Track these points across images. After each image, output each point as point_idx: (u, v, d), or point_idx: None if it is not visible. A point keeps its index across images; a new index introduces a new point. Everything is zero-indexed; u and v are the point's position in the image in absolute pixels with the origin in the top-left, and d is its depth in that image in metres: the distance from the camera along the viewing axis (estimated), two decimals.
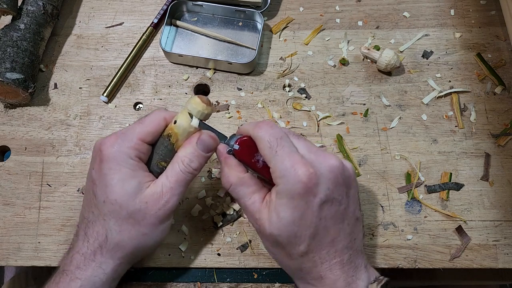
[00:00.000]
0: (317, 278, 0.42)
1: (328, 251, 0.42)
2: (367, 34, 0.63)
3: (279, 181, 0.41)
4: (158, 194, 0.43)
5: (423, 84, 0.60)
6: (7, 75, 0.55)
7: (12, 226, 0.55)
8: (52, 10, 0.61)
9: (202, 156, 0.44)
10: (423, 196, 0.55)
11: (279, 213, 0.41)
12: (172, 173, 0.44)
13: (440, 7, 0.64)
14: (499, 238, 0.53)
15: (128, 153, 0.43)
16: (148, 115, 0.45)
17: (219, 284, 0.53)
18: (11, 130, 0.60)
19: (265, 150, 0.42)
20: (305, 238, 0.41)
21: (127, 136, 0.44)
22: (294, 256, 0.42)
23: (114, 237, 0.43)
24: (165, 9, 0.64)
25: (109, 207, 0.43)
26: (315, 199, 0.40)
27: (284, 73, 0.61)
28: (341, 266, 0.42)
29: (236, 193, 0.44)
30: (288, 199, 0.40)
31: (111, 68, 0.62)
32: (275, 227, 0.41)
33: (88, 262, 0.43)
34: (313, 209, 0.40)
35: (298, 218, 0.40)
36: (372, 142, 0.57)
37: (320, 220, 0.41)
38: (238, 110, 0.59)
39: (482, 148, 0.56)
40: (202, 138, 0.44)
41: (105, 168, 0.43)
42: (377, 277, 0.44)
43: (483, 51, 0.61)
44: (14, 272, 0.72)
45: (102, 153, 0.43)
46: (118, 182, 0.43)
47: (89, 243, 0.44)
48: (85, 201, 0.46)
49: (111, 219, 0.43)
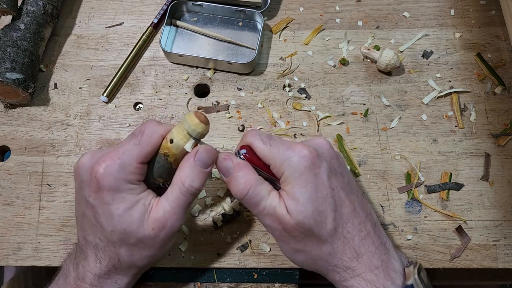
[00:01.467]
0: (354, 258, 0.42)
1: (353, 223, 0.42)
2: (367, 34, 0.63)
3: (283, 167, 0.41)
4: (161, 220, 0.42)
5: (423, 84, 0.60)
6: (7, 75, 0.55)
7: (12, 226, 0.55)
8: (52, 10, 0.61)
9: (202, 172, 0.42)
10: (423, 196, 0.55)
11: (294, 196, 0.41)
12: (173, 197, 0.42)
13: (440, 7, 0.64)
14: (499, 238, 0.53)
15: (128, 180, 0.41)
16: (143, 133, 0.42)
17: (219, 284, 0.53)
18: (11, 130, 0.60)
19: (260, 148, 0.43)
20: (328, 212, 0.41)
21: (125, 161, 0.41)
22: (324, 237, 0.41)
23: (126, 260, 0.44)
24: (165, 9, 0.64)
25: (118, 236, 0.42)
26: (321, 169, 0.41)
27: (284, 73, 0.61)
28: (371, 240, 0.42)
29: (256, 195, 0.42)
30: (297, 179, 0.41)
31: (111, 68, 0.62)
32: (298, 212, 0.41)
33: (103, 280, 0.44)
34: (323, 179, 0.41)
35: (313, 192, 0.41)
36: (372, 142, 0.57)
37: (333, 191, 0.42)
38: (238, 110, 0.59)
39: (482, 148, 0.56)
40: (199, 153, 0.42)
41: (107, 198, 0.41)
42: (411, 260, 0.44)
43: (483, 51, 0.61)
44: (14, 273, 0.72)
45: (100, 182, 0.41)
46: (124, 212, 0.41)
47: (101, 265, 0.44)
48: (85, 224, 0.44)
49: (122, 246, 0.43)
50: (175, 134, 0.42)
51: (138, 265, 0.45)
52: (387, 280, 0.41)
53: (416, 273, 0.41)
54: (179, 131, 0.42)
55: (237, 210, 0.54)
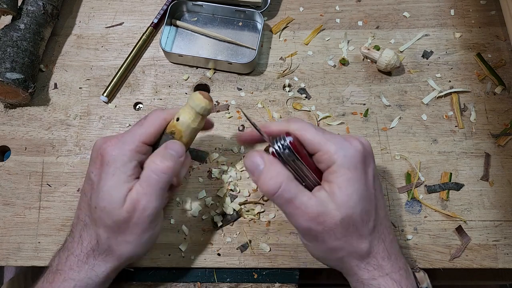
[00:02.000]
0: (385, 257, 0.42)
1: (385, 226, 0.43)
2: (367, 34, 0.63)
3: (336, 156, 0.40)
4: (133, 201, 0.42)
5: (423, 84, 0.60)
6: (7, 75, 0.55)
7: (12, 226, 0.55)
8: (52, 10, 0.61)
9: (172, 156, 0.43)
10: (423, 196, 0.55)
11: (347, 190, 0.40)
12: (144, 177, 0.42)
13: (440, 7, 0.64)
14: (499, 238, 0.53)
15: (128, 156, 0.43)
16: (147, 117, 0.45)
17: (219, 284, 0.53)
18: (11, 130, 0.59)
19: (313, 134, 0.41)
20: (372, 212, 0.42)
21: (128, 139, 0.43)
22: (365, 234, 0.41)
23: (104, 243, 0.43)
24: (165, 9, 0.64)
25: (98, 214, 0.43)
26: (370, 168, 0.42)
27: (284, 73, 0.61)
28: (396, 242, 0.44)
29: (289, 191, 0.40)
30: (351, 171, 0.40)
31: (111, 68, 0.62)
32: (349, 206, 0.40)
33: (82, 264, 0.44)
34: (370, 179, 0.42)
35: (365, 191, 0.41)
36: (372, 142, 0.57)
37: (375, 192, 0.42)
38: (238, 110, 0.59)
39: (482, 148, 0.56)
40: (170, 142, 0.44)
41: (104, 173, 0.43)
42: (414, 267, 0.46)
43: (483, 51, 0.61)
44: (14, 273, 0.72)
45: (103, 158, 0.43)
46: (108, 189, 0.42)
47: (83, 246, 0.44)
48: (82, 202, 0.46)
49: (100, 226, 0.43)
50: (181, 113, 0.45)
51: (114, 251, 0.44)
52: (408, 282, 0.43)
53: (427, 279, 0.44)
54: (185, 109, 0.45)
55: (237, 210, 0.54)
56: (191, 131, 0.45)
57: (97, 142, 0.45)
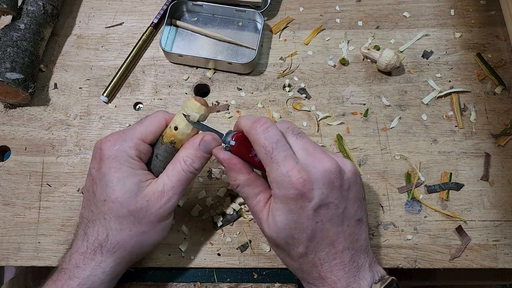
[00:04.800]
0: (318, 279, 0.43)
1: (328, 252, 0.42)
2: (367, 34, 0.63)
3: (274, 185, 0.42)
4: (159, 192, 0.44)
5: (423, 84, 0.60)
6: (7, 75, 0.55)
7: (12, 226, 0.55)
8: (52, 10, 0.61)
9: (204, 157, 0.45)
10: (423, 196, 0.55)
11: (275, 217, 0.42)
12: (174, 172, 0.44)
13: (440, 7, 0.64)
14: (499, 238, 0.53)
15: (128, 153, 0.44)
16: (148, 116, 0.46)
17: (219, 284, 0.53)
18: (11, 130, 0.60)
19: (261, 154, 0.42)
20: (302, 241, 0.42)
21: (128, 135, 0.44)
22: (294, 257, 0.43)
23: (115, 235, 0.43)
24: (165, 9, 0.64)
25: (109, 206, 0.43)
26: (310, 204, 0.40)
27: (284, 73, 0.61)
28: (342, 267, 0.42)
29: (242, 194, 0.45)
30: (283, 204, 0.41)
31: (111, 68, 0.62)
32: (273, 230, 0.42)
33: (88, 261, 0.43)
34: (308, 213, 0.41)
35: (293, 222, 0.41)
36: (372, 142, 0.57)
37: (317, 224, 0.41)
38: (238, 110, 0.59)
39: (482, 148, 0.56)
40: (205, 139, 0.45)
41: (105, 167, 0.43)
42: (383, 276, 0.44)
43: (483, 51, 0.61)
44: (14, 273, 0.72)
45: (103, 152, 0.44)
46: (118, 181, 0.43)
47: (88, 242, 0.44)
48: (85, 200, 0.46)
49: (112, 218, 0.43)
50: (179, 121, 0.45)
51: (125, 244, 0.44)
52: None
53: None
54: (181, 117, 0.44)
55: (237, 210, 0.54)
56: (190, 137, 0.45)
57: (98, 141, 0.46)
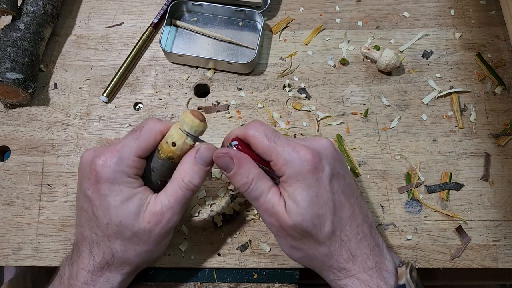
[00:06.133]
0: (349, 259, 0.42)
1: (351, 226, 0.42)
2: (367, 34, 0.63)
3: (285, 168, 0.41)
4: (158, 214, 0.42)
5: (423, 84, 0.60)
6: (7, 75, 0.55)
7: (12, 226, 0.55)
8: (52, 10, 0.61)
9: (202, 170, 0.43)
10: (423, 196, 0.55)
11: (295, 199, 0.41)
12: (172, 191, 0.43)
13: (440, 7, 0.64)
14: (499, 238, 0.53)
15: (126, 172, 0.42)
16: (143, 129, 0.44)
17: (219, 284, 0.53)
18: (11, 130, 0.60)
19: (264, 144, 0.42)
20: (328, 216, 0.41)
21: (124, 154, 0.42)
22: (321, 239, 0.42)
23: (121, 256, 0.44)
24: (165, 9, 0.64)
25: (113, 229, 0.43)
26: (324, 173, 0.41)
27: (284, 73, 0.61)
28: (366, 242, 0.42)
29: (257, 189, 0.43)
30: (299, 182, 0.41)
31: (111, 68, 0.62)
32: (297, 214, 0.41)
33: (96, 278, 0.44)
34: (325, 184, 0.41)
35: (315, 197, 0.41)
36: (372, 142, 0.57)
37: (334, 195, 0.42)
38: (238, 110, 0.59)
39: (482, 148, 0.56)
40: (200, 151, 0.43)
41: (104, 190, 0.42)
42: (403, 260, 0.44)
43: (483, 51, 0.61)
44: (14, 273, 0.72)
45: (99, 175, 0.42)
46: (120, 204, 0.42)
47: (95, 261, 0.44)
48: (83, 219, 0.45)
49: (117, 240, 0.43)
50: (176, 137, 0.43)
51: (132, 262, 0.44)
52: (380, 280, 0.42)
53: (408, 273, 0.42)
54: (178, 132, 0.43)
55: (237, 210, 0.54)
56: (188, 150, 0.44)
57: (86, 155, 0.44)
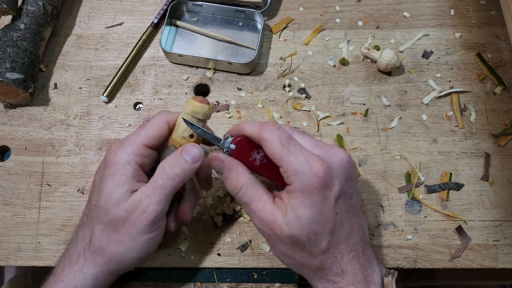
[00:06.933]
0: (339, 274, 0.42)
1: (346, 245, 0.42)
2: (367, 34, 0.63)
3: (294, 178, 0.40)
4: (136, 202, 0.42)
5: (423, 84, 0.60)
6: (7, 75, 0.55)
7: (12, 226, 0.55)
8: (52, 10, 0.61)
9: (185, 162, 0.43)
10: (423, 196, 0.55)
11: (297, 213, 0.40)
12: (152, 180, 0.43)
13: (440, 7, 0.64)
14: (499, 238, 0.53)
15: (128, 159, 0.43)
16: (151, 120, 0.45)
17: (219, 284, 0.53)
18: (11, 130, 0.60)
19: (276, 149, 0.41)
20: (325, 235, 0.41)
21: (130, 141, 0.44)
22: (315, 254, 0.42)
23: (95, 241, 0.43)
24: (165, 9, 0.64)
25: (96, 211, 0.43)
26: (332, 193, 0.40)
27: (284, 73, 0.61)
28: (357, 259, 0.42)
29: (246, 196, 0.43)
30: (306, 196, 0.40)
31: (111, 68, 0.62)
32: (295, 228, 0.40)
33: (73, 264, 0.44)
34: (330, 203, 0.40)
35: (317, 215, 0.40)
36: (372, 142, 0.57)
37: (337, 215, 0.41)
38: (238, 110, 0.59)
39: (482, 148, 0.56)
40: (187, 147, 0.44)
41: (105, 174, 0.43)
42: (388, 270, 0.44)
43: (483, 51, 0.61)
44: (14, 273, 0.72)
45: (107, 159, 0.44)
46: (108, 188, 0.43)
47: (77, 245, 0.44)
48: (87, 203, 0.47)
49: (96, 223, 0.43)
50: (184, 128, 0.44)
51: (104, 251, 0.43)
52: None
53: (393, 284, 0.42)
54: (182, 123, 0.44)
55: (237, 210, 0.54)
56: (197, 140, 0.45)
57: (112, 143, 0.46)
